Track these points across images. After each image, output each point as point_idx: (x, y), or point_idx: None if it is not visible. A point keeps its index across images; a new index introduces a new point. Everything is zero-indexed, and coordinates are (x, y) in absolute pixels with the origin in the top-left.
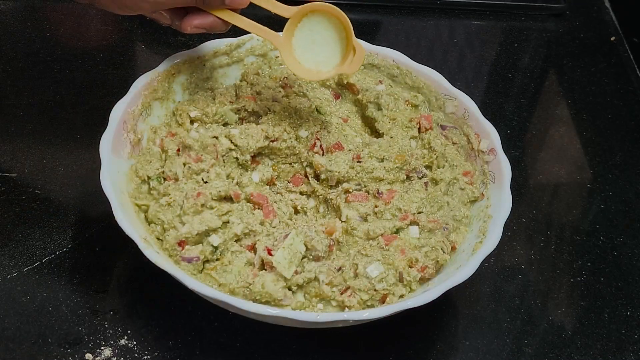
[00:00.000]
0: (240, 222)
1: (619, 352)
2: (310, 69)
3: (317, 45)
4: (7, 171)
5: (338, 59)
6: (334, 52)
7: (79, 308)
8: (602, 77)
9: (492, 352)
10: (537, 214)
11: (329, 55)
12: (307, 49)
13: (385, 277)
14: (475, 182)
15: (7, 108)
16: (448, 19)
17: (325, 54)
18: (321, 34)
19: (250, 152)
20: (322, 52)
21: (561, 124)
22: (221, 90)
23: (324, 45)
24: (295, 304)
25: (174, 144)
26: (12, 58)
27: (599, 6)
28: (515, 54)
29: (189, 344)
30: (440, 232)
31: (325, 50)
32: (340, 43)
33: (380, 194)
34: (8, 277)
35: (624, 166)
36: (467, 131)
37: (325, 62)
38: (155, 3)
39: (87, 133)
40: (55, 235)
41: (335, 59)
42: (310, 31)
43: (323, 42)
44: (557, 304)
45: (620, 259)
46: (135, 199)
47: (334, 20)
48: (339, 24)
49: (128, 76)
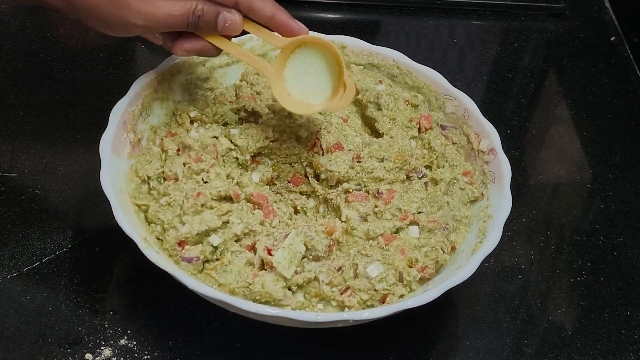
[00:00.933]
0: (240, 222)
1: (619, 352)
2: (300, 102)
3: (309, 77)
4: (7, 171)
5: (329, 92)
6: (325, 85)
7: (79, 308)
8: (602, 77)
9: (492, 352)
10: (537, 214)
11: (320, 88)
12: (299, 80)
13: (385, 277)
14: (475, 182)
15: (7, 108)
16: (448, 19)
17: (316, 86)
18: (313, 66)
19: (250, 152)
20: (313, 85)
21: (561, 124)
22: (221, 90)
23: (315, 78)
24: (295, 304)
25: (174, 144)
26: (12, 58)
27: (599, 6)
28: (515, 54)
29: (189, 344)
30: (440, 232)
31: (317, 83)
32: (332, 77)
33: (380, 194)
34: (8, 277)
35: (624, 166)
36: (467, 131)
37: (315, 94)
38: (146, 27)
39: (87, 133)
40: (55, 235)
41: (326, 92)
42: (303, 63)
43: (315, 75)
44: (557, 304)
45: (620, 259)
46: (135, 199)
47: (326, 53)
48: (331, 58)
49: (128, 76)
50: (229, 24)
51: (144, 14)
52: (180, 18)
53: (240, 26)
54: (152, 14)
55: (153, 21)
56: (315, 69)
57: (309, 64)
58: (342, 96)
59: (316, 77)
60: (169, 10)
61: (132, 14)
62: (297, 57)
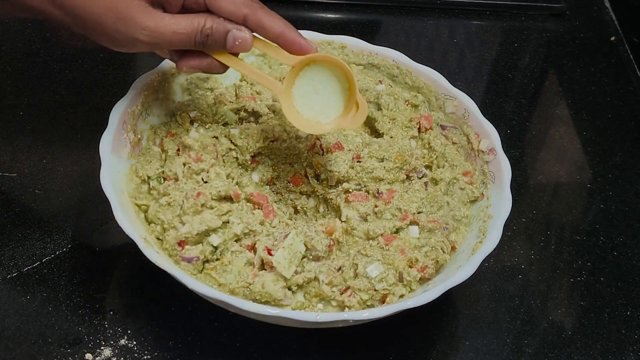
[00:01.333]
0: (240, 222)
1: (619, 352)
2: (309, 120)
3: (318, 96)
4: (7, 171)
5: (339, 110)
6: (336, 103)
7: (79, 308)
8: (602, 77)
9: (492, 352)
10: (537, 214)
11: (330, 107)
12: (308, 98)
13: (385, 277)
14: (475, 182)
15: (7, 108)
16: (448, 19)
17: (325, 105)
18: (323, 84)
19: (250, 152)
20: (323, 103)
21: (561, 124)
22: (221, 90)
23: (324, 96)
24: (295, 304)
25: (174, 144)
26: (12, 58)
27: (599, 6)
28: (515, 54)
29: (189, 344)
30: (440, 232)
31: (326, 101)
32: (343, 95)
33: (380, 194)
34: (8, 277)
35: (624, 166)
36: (467, 131)
37: (325, 112)
38: (152, 44)
39: (87, 133)
40: (55, 235)
41: (336, 110)
42: (312, 81)
43: (324, 93)
44: (557, 304)
45: (620, 259)
46: (135, 199)
47: (337, 71)
48: (342, 76)
49: (128, 76)
50: (239, 42)
51: (150, 30)
52: (187, 36)
53: (250, 44)
54: (159, 31)
55: (159, 38)
56: (324, 87)
57: (319, 82)
58: (354, 116)
59: (325, 95)
60: (176, 27)
61: (138, 31)
62: (306, 75)
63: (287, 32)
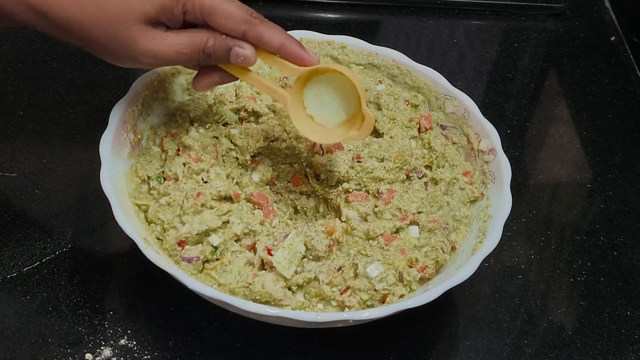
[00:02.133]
0: (240, 222)
1: (619, 352)
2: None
3: (326, 105)
4: (7, 171)
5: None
6: (342, 113)
7: (79, 308)
8: (602, 77)
9: (492, 352)
10: (537, 214)
11: (337, 116)
12: (316, 108)
13: (385, 277)
14: (475, 182)
15: (7, 108)
16: (448, 19)
17: (333, 114)
18: (330, 94)
19: (250, 152)
20: (329, 112)
21: (561, 124)
22: (221, 90)
23: (331, 106)
24: (295, 304)
25: (173, 144)
26: (12, 58)
27: (599, 6)
28: (515, 54)
29: (189, 344)
30: (440, 232)
31: (334, 111)
32: (349, 104)
33: (380, 194)
34: (8, 277)
35: (624, 166)
36: (467, 131)
37: (332, 122)
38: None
39: (87, 133)
40: (55, 235)
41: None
42: (319, 92)
43: (330, 103)
44: (557, 304)
45: (620, 259)
46: (135, 199)
47: (344, 81)
48: (349, 86)
49: (128, 76)
50: (242, 59)
51: (153, 53)
52: (190, 56)
53: (253, 60)
54: (162, 53)
55: (162, 59)
56: (331, 97)
57: (325, 93)
58: (360, 127)
59: (332, 106)
60: (178, 48)
61: (140, 54)
62: (313, 86)
63: (287, 45)
